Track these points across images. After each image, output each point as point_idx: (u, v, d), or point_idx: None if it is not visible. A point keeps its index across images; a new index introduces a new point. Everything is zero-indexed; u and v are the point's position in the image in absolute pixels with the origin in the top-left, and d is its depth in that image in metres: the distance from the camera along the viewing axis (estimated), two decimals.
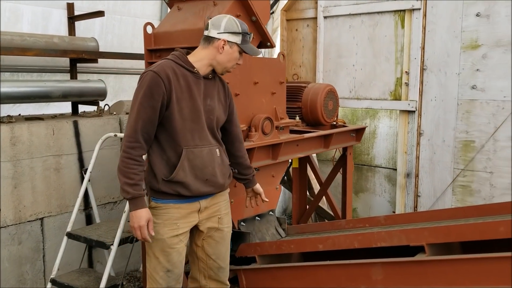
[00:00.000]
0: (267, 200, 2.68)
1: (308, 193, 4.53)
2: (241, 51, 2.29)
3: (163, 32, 3.13)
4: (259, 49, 2.39)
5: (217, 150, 2.31)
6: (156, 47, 3.14)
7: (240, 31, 2.25)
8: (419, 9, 3.96)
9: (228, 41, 2.24)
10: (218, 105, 2.33)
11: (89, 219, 3.77)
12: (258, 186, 2.64)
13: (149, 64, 3.18)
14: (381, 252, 2.51)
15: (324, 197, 4.07)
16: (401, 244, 2.33)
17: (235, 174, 2.54)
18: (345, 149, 3.90)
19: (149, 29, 3.16)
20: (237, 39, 2.24)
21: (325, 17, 4.50)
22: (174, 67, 2.22)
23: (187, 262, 2.49)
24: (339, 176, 3.94)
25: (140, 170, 2.14)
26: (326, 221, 4.39)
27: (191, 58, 2.29)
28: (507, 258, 1.95)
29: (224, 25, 2.24)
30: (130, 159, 2.13)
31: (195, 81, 2.25)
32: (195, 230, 2.37)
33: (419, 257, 2.21)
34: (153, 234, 2.19)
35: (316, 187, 4.57)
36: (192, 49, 2.94)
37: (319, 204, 4.31)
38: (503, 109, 3.62)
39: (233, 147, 2.50)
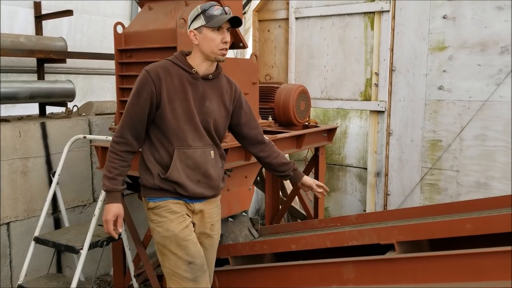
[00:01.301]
0: (320, 191, 2.52)
1: (281, 193, 4.55)
2: (215, 28, 2.15)
3: (134, 32, 3.09)
4: (226, 15, 2.18)
5: (212, 151, 2.27)
6: (127, 47, 3.10)
7: (200, 12, 2.16)
8: (388, 11, 4.04)
9: (194, 29, 2.18)
10: (218, 108, 2.28)
11: (57, 223, 3.68)
12: (306, 179, 2.51)
13: (119, 64, 3.14)
14: (352, 251, 2.55)
15: (296, 197, 4.09)
16: (372, 243, 2.37)
17: (275, 172, 2.51)
18: (317, 149, 3.94)
19: (119, 29, 3.11)
20: (200, 21, 2.16)
21: (296, 18, 4.53)
22: (169, 66, 2.21)
23: None
24: (311, 175, 3.97)
25: (121, 165, 2.18)
26: (299, 221, 4.42)
27: (189, 59, 2.25)
28: (473, 254, 2.02)
29: (189, 18, 2.23)
30: (113, 153, 2.18)
31: (192, 82, 2.21)
32: None
33: (389, 255, 2.26)
34: (120, 231, 2.22)
35: (289, 187, 4.60)
36: (163, 49, 2.93)
37: (292, 204, 4.34)
38: (469, 109, 3.73)
39: (254, 149, 2.45)
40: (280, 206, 4.12)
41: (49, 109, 4.08)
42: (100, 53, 4.17)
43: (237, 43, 3.17)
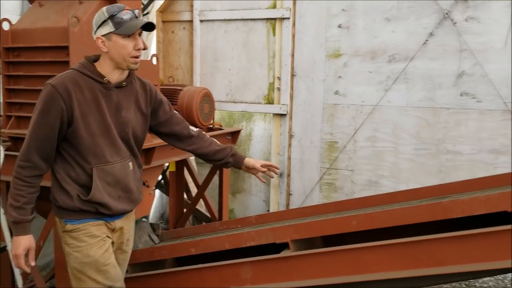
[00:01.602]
0: (264, 170, 2.47)
1: (186, 197, 4.53)
2: (126, 35, 1.99)
3: (22, 29, 2.89)
4: (140, 20, 2.03)
5: (130, 163, 2.16)
6: (15, 45, 2.89)
7: (107, 17, 1.98)
8: (288, 18, 4.19)
9: (102, 35, 2.01)
10: (135, 115, 2.16)
11: None
12: (248, 162, 2.44)
13: (5, 63, 2.92)
14: (257, 251, 2.61)
15: (202, 199, 4.10)
16: (268, 242, 2.46)
17: (213, 162, 2.46)
18: None
19: (6, 26, 2.90)
20: (108, 27, 1.98)
21: (201, 21, 4.54)
22: (78, 78, 2.01)
23: None
24: (215, 178, 4.00)
25: (28, 192, 1.99)
26: (204, 223, 4.43)
27: (98, 67, 2.07)
28: (358, 249, 2.17)
29: (94, 23, 2.05)
30: (18, 179, 1.99)
31: (105, 92, 2.05)
32: None
33: (284, 253, 2.35)
34: (33, 264, 2.05)
35: (194, 190, 4.59)
36: (54, 48, 2.78)
37: (197, 207, 4.34)
38: (361, 113, 4.00)
39: (183, 144, 2.38)
40: (185, 210, 4.09)
41: None
42: None
43: None
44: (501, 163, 3.54)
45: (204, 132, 2.49)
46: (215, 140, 2.49)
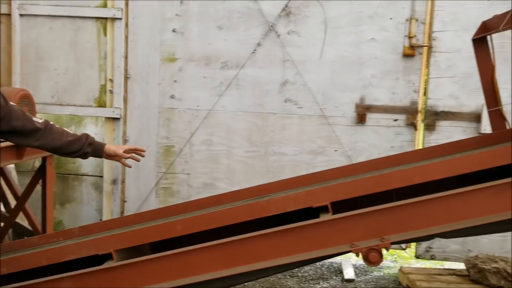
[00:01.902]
0: (128, 156, 2.36)
1: (4, 209, 4.04)
2: None
3: None
4: None
5: None
6: None
7: None
8: (121, 19, 4.06)
9: None
10: None
11: None
12: (108, 150, 2.24)
13: None
14: (86, 264, 2.43)
15: (22, 212, 3.70)
16: (90, 254, 2.31)
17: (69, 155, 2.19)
18: (45, 159, 3.64)
19: None
20: None
21: (21, 15, 4.11)
22: None
23: None
24: (38, 188, 3.65)
25: None
26: (26, 238, 4.01)
27: None
28: (182, 253, 2.18)
29: None
30: None
31: None
32: None
33: (106, 264, 2.24)
34: None
35: (13, 202, 4.12)
36: None
37: (18, 220, 3.90)
38: (197, 117, 4.07)
39: (29, 140, 2.06)
40: (2, 224, 3.65)
41: None
42: None
43: None
44: (319, 163, 3.96)
45: (52, 122, 2.18)
46: (67, 129, 2.23)
